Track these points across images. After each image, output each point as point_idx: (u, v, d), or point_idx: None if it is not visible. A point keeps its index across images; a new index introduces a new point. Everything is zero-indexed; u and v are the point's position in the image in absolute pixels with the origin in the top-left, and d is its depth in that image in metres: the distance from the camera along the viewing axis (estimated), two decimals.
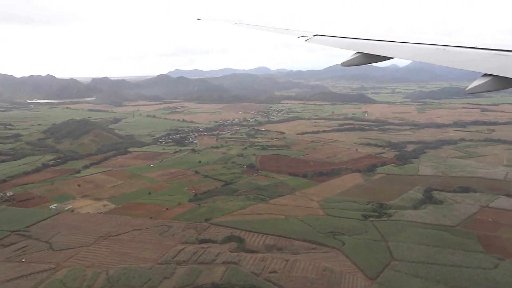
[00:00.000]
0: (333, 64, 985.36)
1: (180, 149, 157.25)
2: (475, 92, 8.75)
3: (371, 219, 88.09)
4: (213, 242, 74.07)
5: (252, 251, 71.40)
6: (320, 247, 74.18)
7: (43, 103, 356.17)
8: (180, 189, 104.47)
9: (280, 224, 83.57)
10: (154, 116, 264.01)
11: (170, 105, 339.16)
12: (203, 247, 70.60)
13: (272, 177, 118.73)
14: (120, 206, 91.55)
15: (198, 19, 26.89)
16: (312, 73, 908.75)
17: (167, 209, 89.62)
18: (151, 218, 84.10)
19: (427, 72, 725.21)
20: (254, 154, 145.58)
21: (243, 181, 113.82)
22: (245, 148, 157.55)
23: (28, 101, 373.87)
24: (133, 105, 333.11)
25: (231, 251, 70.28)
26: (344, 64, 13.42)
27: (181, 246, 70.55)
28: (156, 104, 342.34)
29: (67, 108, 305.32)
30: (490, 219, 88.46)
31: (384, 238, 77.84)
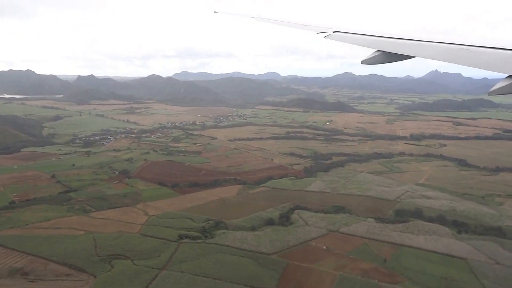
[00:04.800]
0: (341, 72, 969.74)
1: (76, 151, 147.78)
2: (498, 93, 8.65)
3: (185, 240, 75.44)
4: None
5: None
6: (77, 274, 62.06)
7: (7, 97, 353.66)
8: (5, 195, 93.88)
9: (64, 241, 71.61)
10: (103, 116, 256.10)
11: (136, 105, 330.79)
12: None
13: (132, 186, 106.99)
14: None
15: (215, 12, 26.64)
16: (317, 80, 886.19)
17: None
18: None
19: (438, 84, 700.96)
20: (145, 160, 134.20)
21: (93, 189, 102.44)
22: (147, 153, 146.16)
23: None
24: (97, 104, 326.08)
25: None
26: (364, 62, 13.28)
27: None
28: (122, 104, 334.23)
29: (22, 104, 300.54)
30: (324, 247, 74.73)
31: (166, 266, 65.06)
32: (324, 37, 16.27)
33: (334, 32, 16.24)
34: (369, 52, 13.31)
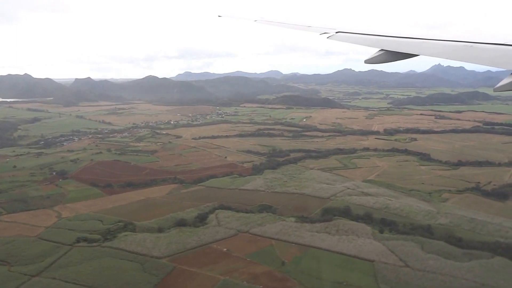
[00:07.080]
0: (341, 68, 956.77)
1: (29, 152, 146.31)
2: (503, 90, 8.56)
3: (81, 244, 72.48)
4: None
5: None
6: None
7: None
8: None
9: None
10: (82, 117, 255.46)
11: (122, 106, 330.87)
12: None
13: (61, 187, 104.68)
14: None
15: (219, 16, 26.72)
16: (317, 77, 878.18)
17: None
18: None
19: (439, 78, 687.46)
20: (91, 160, 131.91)
21: (19, 191, 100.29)
22: (99, 153, 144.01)
23: None
24: (84, 105, 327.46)
25: None
26: (368, 62, 13.37)
27: None
28: (109, 105, 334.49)
29: (9, 107, 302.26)
30: (225, 249, 71.02)
31: (42, 272, 62.15)
32: (327, 37, 16.27)
33: (337, 32, 16.27)
34: (371, 50, 13.30)
